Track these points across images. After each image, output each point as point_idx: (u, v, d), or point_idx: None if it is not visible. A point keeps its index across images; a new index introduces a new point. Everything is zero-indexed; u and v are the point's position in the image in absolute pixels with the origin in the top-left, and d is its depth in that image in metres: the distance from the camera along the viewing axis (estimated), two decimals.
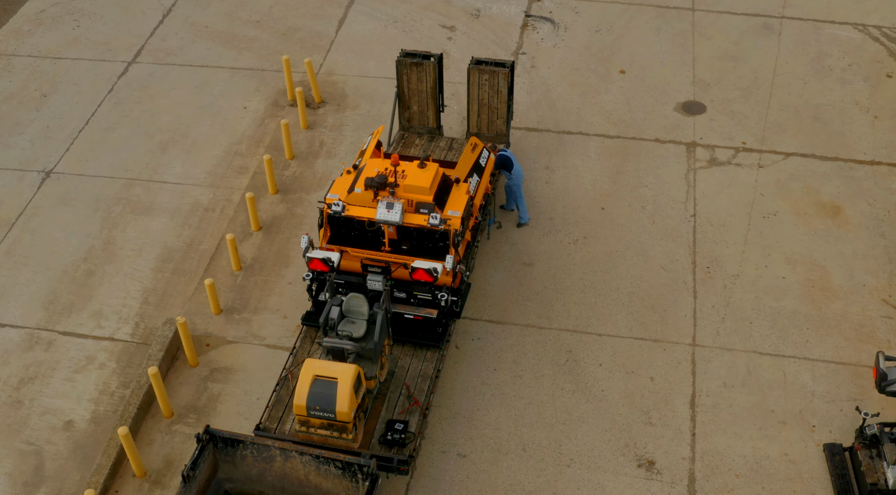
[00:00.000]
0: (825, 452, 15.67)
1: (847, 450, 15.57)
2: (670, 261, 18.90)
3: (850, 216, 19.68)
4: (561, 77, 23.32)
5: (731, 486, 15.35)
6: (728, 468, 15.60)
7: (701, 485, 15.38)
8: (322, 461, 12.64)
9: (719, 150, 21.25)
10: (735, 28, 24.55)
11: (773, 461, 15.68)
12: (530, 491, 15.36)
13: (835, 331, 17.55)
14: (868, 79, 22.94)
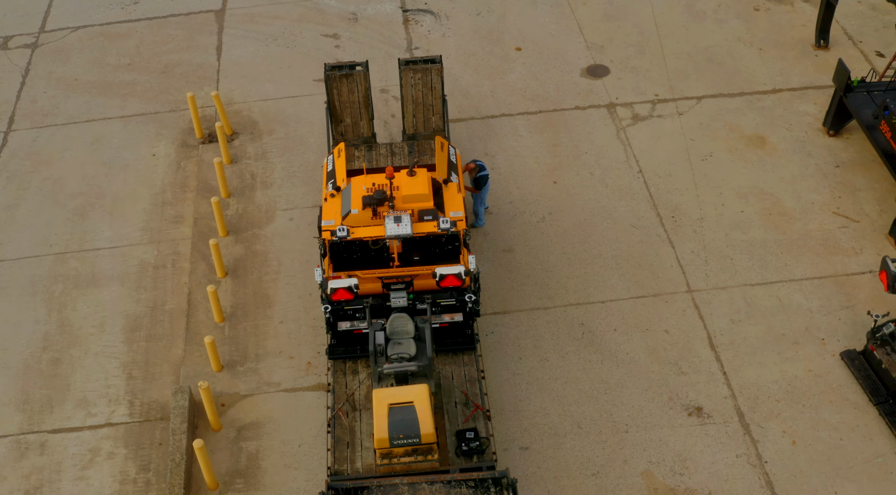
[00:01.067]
0: (843, 360, 16.84)
1: (862, 354, 16.79)
2: (637, 218, 19.58)
3: (776, 143, 21.06)
4: (463, 65, 23.47)
5: (776, 411, 16.22)
6: (767, 396, 16.48)
7: (750, 418, 16.16)
8: (454, 484, 12.35)
9: (637, 106, 22.13)
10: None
11: (801, 379, 16.69)
12: (602, 465, 15.62)
13: (805, 250, 18.80)
14: (739, 15, 24.50)
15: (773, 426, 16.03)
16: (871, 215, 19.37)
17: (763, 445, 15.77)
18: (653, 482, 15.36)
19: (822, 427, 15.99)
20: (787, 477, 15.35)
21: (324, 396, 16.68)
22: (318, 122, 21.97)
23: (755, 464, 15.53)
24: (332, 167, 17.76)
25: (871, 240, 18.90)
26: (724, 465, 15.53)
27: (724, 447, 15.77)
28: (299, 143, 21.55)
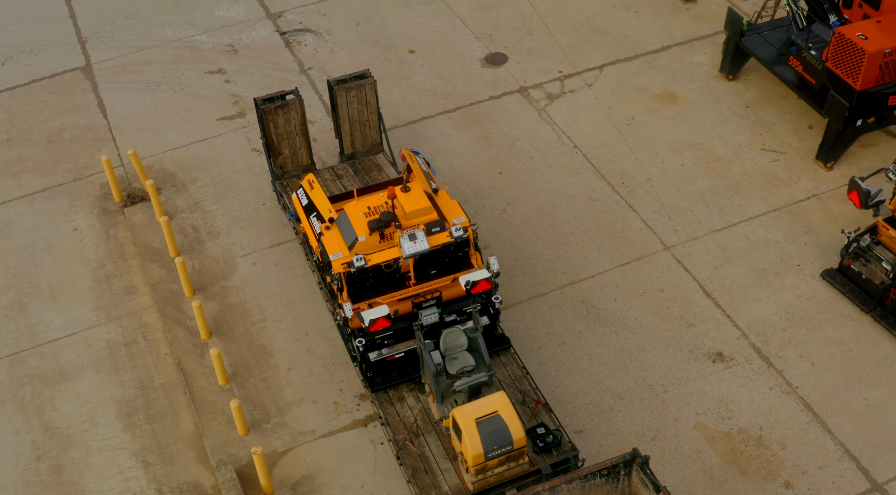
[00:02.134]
0: (825, 279, 18.14)
1: (839, 271, 18.13)
2: (591, 190, 20.16)
3: (685, 96, 22.22)
4: (348, 65, 23.14)
5: (787, 340, 17.27)
6: (773, 328, 17.50)
7: (767, 351, 17.12)
8: (588, 478, 12.40)
9: (547, 85, 22.69)
10: None
11: (796, 306, 17.83)
12: (656, 429, 16.10)
13: (751, 189, 20.02)
14: None
15: (789, 353, 17.05)
16: (793, 145, 20.86)
17: (788, 373, 16.76)
18: (707, 432, 16.01)
19: (831, 344, 17.18)
20: (820, 396, 16.40)
21: (366, 432, 16.22)
22: (241, 161, 21.13)
23: (788, 392, 16.49)
24: (307, 200, 17.18)
25: (802, 167, 20.36)
26: (763, 400, 16.39)
27: (755, 384, 16.63)
28: (229, 186, 20.64)
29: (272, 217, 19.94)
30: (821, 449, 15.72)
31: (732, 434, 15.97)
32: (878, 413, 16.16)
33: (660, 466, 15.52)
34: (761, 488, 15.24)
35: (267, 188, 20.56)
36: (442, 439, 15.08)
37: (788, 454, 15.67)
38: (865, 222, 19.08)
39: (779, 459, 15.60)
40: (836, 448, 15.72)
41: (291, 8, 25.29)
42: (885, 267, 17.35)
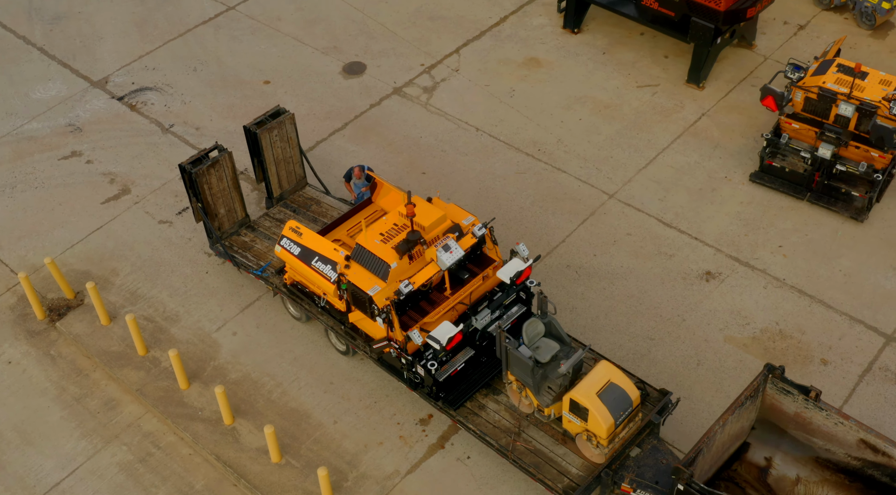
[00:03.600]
0: (755, 181, 19.99)
1: (762, 170, 20.04)
2: (515, 165, 20.75)
3: (546, 58, 23.31)
4: (231, 118, 22.16)
5: (753, 242, 18.92)
6: (736, 236, 19.09)
7: (744, 257, 18.68)
8: (743, 403, 13.12)
9: (417, 80, 22.88)
10: (306, 3, 25.33)
11: (743, 211, 19.50)
12: (696, 354, 17.14)
13: (650, 123, 21.52)
14: None
15: (762, 254, 18.75)
16: (661, 76, 22.62)
17: (770, 270, 18.44)
18: (737, 342, 17.32)
19: (788, 234, 19.08)
20: (806, 281, 18.23)
21: (447, 453, 15.98)
22: (154, 238, 19.60)
23: (780, 286, 18.18)
24: (299, 248, 16.39)
25: (679, 93, 22.16)
26: (764, 299, 17.96)
27: (751, 287, 18.16)
28: (158, 266, 19.12)
29: (224, 282, 18.75)
30: (831, 323, 17.53)
31: (758, 336, 17.38)
32: (856, 278, 18.24)
33: (720, 384, 16.61)
34: (805, 371, 16.78)
35: (199, 256, 19.26)
36: (543, 428, 15.20)
37: (809, 337, 17.33)
38: (757, 125, 21.20)
39: (805, 343, 17.22)
40: (842, 318, 17.60)
41: (114, 71, 23.50)
42: (804, 155, 19.46)
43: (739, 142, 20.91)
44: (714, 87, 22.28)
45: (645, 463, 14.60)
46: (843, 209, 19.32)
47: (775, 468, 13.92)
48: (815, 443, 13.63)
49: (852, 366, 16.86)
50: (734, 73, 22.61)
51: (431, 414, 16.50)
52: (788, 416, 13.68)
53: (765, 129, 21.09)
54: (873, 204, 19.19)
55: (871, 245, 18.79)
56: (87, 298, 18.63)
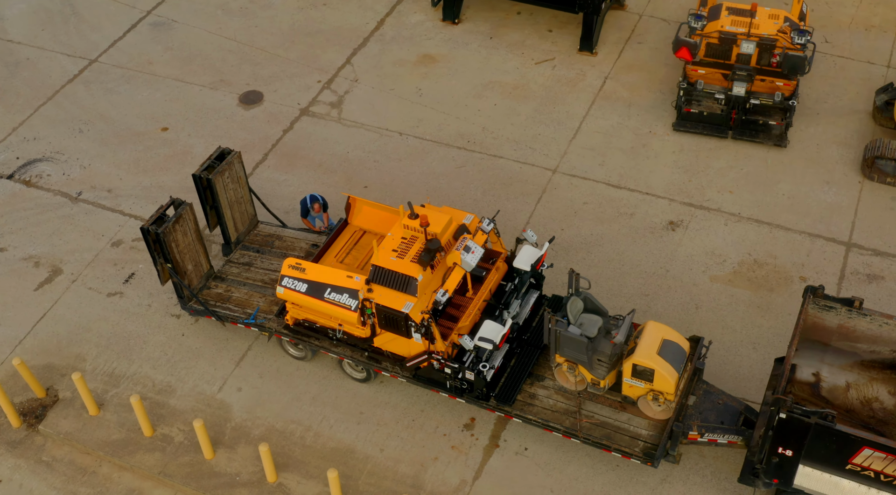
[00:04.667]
0: (678, 130, 21.04)
1: (681, 117, 21.11)
2: (452, 161, 20.79)
3: (439, 51, 23.40)
4: (143, 172, 20.89)
5: (698, 185, 19.92)
6: (681, 183, 20.04)
7: (697, 201, 19.64)
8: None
9: (321, 97, 22.41)
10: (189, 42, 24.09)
11: (678, 159, 20.49)
12: (690, 298, 17.90)
13: (561, 95, 22.11)
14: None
15: (710, 194, 19.82)
16: (554, 49, 23.31)
17: (724, 207, 19.53)
18: (721, 278, 18.26)
19: (726, 171, 20.25)
20: (758, 210, 19.43)
21: (503, 450, 15.98)
22: (110, 313, 18.26)
23: (738, 220, 19.30)
24: (305, 285, 15.78)
25: (576, 62, 22.93)
26: (730, 234, 19.02)
27: (714, 227, 19.17)
28: (127, 339, 17.85)
29: (205, 340, 17.76)
30: (794, 243, 18.83)
31: (737, 270, 18.42)
32: (799, 198, 19.66)
33: (723, 321, 17.48)
34: (790, 291, 17.95)
35: (167, 320, 18.13)
36: (598, 401, 15.49)
37: (781, 260, 18.55)
38: (657, 79, 22.31)
39: (780, 266, 18.43)
40: (802, 236, 18.93)
41: None
42: (718, 97, 20.70)
43: (649, 97, 21.93)
44: (604, 51, 23.21)
45: (704, 408, 15.20)
46: (764, 139, 20.71)
47: (825, 381, 14.88)
48: (859, 349, 14.68)
49: (828, 276, 18.20)
50: (617, 34, 23.63)
51: (473, 417, 16.41)
52: (831, 330, 14.65)
53: (666, 82, 22.24)
54: (789, 129, 20.69)
55: (800, 166, 20.28)
56: (61, 393, 17.14)
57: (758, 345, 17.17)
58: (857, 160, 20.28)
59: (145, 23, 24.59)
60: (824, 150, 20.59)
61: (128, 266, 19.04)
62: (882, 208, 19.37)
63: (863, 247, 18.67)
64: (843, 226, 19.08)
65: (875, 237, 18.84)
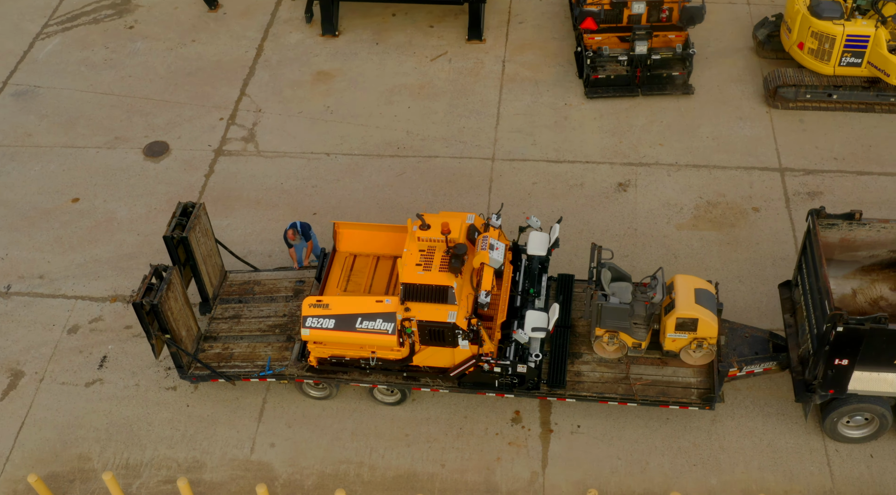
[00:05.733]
0: (591, 97, 21.86)
1: (592, 85, 21.95)
2: (388, 169, 20.59)
3: (333, 67, 23.03)
4: (70, 252, 19.39)
5: (628, 145, 20.78)
6: (610, 145, 20.83)
7: (634, 158, 20.51)
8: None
9: (231, 134, 21.54)
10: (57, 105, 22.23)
11: (601, 124, 21.28)
12: (665, 250, 18.67)
13: (471, 86, 22.35)
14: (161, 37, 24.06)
15: (642, 150, 20.75)
16: (442, 44, 23.53)
17: (660, 159, 20.52)
18: (686, 224, 19.19)
19: (649, 127, 21.24)
20: (693, 155, 20.53)
21: (559, 433, 16.16)
22: (96, 404, 16.88)
23: (678, 168, 20.32)
24: (332, 321, 15.27)
25: (469, 51, 23.28)
26: (676, 183, 19.99)
27: (659, 178, 20.10)
28: (128, 426, 16.56)
29: (213, 405, 16.81)
30: (735, 179, 20.08)
31: (696, 213, 19.44)
32: (722, 137, 20.96)
33: (703, 263, 18.42)
34: (749, 223, 19.16)
35: (165, 396, 17.01)
36: (638, 363, 15.99)
37: (730, 196, 19.74)
38: (550, 53, 23.07)
39: (732, 202, 19.60)
40: (739, 171, 20.21)
41: None
42: (621, 59, 21.67)
43: (550, 73, 22.60)
44: (491, 36, 23.67)
45: (736, 345, 16.04)
46: (672, 90, 21.90)
47: (833, 292, 16.04)
48: (859, 257, 15.95)
49: (775, 202, 19.56)
50: (496, 18, 24.15)
51: (518, 410, 16.49)
52: (834, 245, 15.82)
53: (559, 55, 23.02)
54: (690, 76, 21.97)
55: (711, 108, 21.61)
56: None
57: (742, 278, 18.24)
58: (758, 93, 21.84)
59: (5, 94, 22.68)
60: (726, 90, 22.03)
61: (95, 350, 17.66)
62: (795, 131, 21.00)
63: (794, 169, 20.18)
64: (769, 154, 20.53)
65: (800, 158, 20.40)
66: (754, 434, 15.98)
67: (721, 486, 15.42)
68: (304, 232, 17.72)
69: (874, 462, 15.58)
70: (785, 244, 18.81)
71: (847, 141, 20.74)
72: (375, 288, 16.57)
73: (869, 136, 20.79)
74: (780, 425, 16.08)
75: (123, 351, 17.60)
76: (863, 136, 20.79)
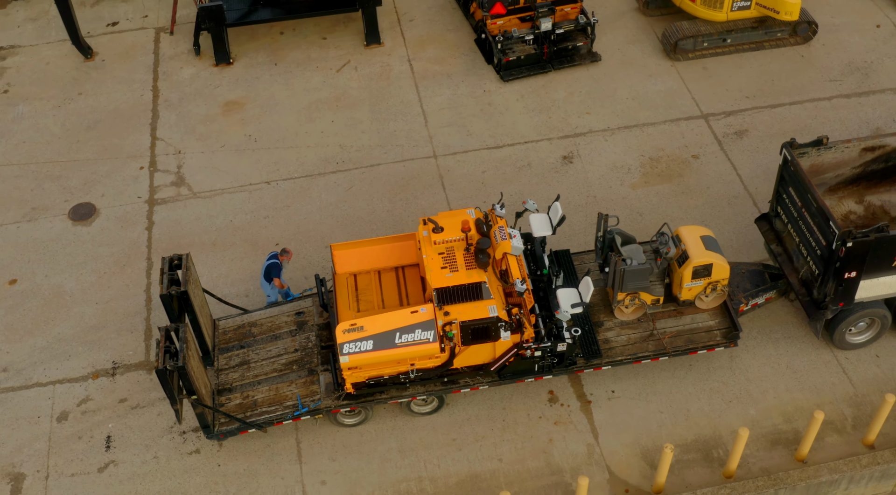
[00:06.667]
0: (507, 80, 22.25)
1: (504, 69, 22.33)
2: (338, 187, 20.18)
3: (240, 95, 22.28)
4: (25, 336, 17.90)
5: (557, 119, 21.36)
6: (542, 121, 21.34)
7: (565, 128, 21.08)
8: None
9: (157, 179, 20.46)
10: None
11: (526, 104, 21.72)
12: (629, 211, 19.31)
13: (386, 89, 22.23)
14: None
15: (572, 121, 21.35)
16: (341, 53, 23.26)
17: (593, 127, 21.18)
18: (637, 183, 19.94)
19: (572, 99, 21.87)
20: (620, 118, 21.33)
21: (598, 404, 16.53)
22: (127, 487, 15.73)
23: (613, 131, 21.07)
24: (370, 342, 14.94)
25: (372, 56, 23.15)
26: (615, 146, 20.72)
27: (600, 145, 20.75)
28: None
29: (247, 457, 16.04)
30: (666, 132, 21.03)
31: (644, 171, 20.25)
32: (640, 96, 21.89)
33: (665, 216, 19.11)
34: (693, 169, 20.16)
35: (189, 461, 16.06)
36: (657, 317, 16.57)
37: (668, 149, 20.67)
38: (451, 45, 23.32)
39: (671, 153, 20.54)
40: (667, 124, 21.19)
41: None
42: (527, 38, 22.21)
43: (458, 64, 22.83)
44: (387, 38, 23.63)
45: (736, 281, 16.93)
46: (580, 60, 22.64)
47: None
48: (826, 179, 17.14)
49: (710, 146, 20.67)
50: (385, 19, 24.19)
51: (551, 390, 16.70)
52: (805, 171, 16.95)
53: (460, 46, 23.31)
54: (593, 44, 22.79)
55: (621, 71, 22.51)
56: None
57: (705, 222, 19.18)
58: (657, 50, 22.95)
59: None
60: (628, 52, 23.00)
61: (96, 432, 16.45)
62: (703, 79, 22.23)
63: (715, 114, 21.38)
64: (687, 104, 21.64)
65: (716, 102, 21.64)
66: (772, 361, 16.92)
67: (760, 414, 16.25)
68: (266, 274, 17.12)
69: (881, 360, 16.88)
70: (732, 184, 19.93)
71: (750, 79, 22.16)
72: (388, 302, 16.32)
73: (767, 72, 22.30)
74: (790, 347, 17.11)
75: (127, 426, 16.48)
76: (762, 73, 22.28)
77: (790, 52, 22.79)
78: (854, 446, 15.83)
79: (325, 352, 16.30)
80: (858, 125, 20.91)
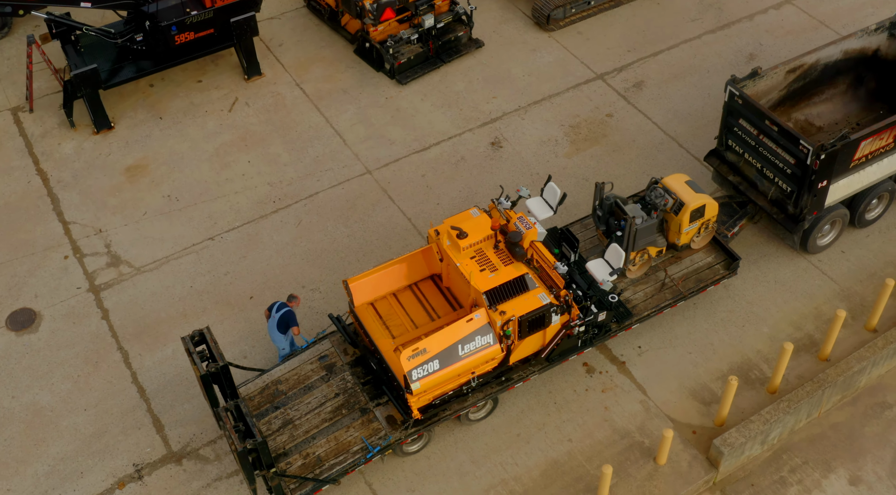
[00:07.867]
0: (407, 82, 22.26)
1: (401, 70, 22.31)
2: (284, 225, 19.48)
3: (139, 157, 20.85)
4: (12, 466, 16.12)
5: (465, 104, 21.70)
6: (455, 114, 21.58)
7: (483, 115, 21.44)
8: None
9: (90, 263, 18.87)
10: None
11: (449, 98, 21.91)
12: (577, 177, 20.07)
13: (285, 114, 21.63)
14: None
15: (486, 108, 21.72)
16: (224, 93, 22.31)
17: (504, 108, 21.64)
18: (571, 149, 20.69)
19: (474, 88, 22.21)
20: (525, 96, 21.93)
21: (632, 363, 17.14)
22: None
23: (527, 107, 21.62)
24: (436, 362, 14.72)
25: (257, 88, 22.35)
26: (538, 121, 21.33)
27: (520, 125, 21.28)
28: None
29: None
30: (575, 98, 21.88)
31: (572, 138, 20.98)
32: (535, 72, 22.59)
33: (609, 176, 20.02)
34: (612, 129, 21.15)
35: None
36: (660, 267, 17.38)
37: (583, 115, 21.50)
38: (337, 60, 22.98)
39: (590, 118, 21.40)
40: (567, 92, 22.03)
41: None
42: (411, 39, 22.32)
43: (347, 77, 22.56)
44: (266, 67, 22.88)
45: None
46: (465, 48, 23.02)
47: None
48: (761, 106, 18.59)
49: (614, 103, 21.72)
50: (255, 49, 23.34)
51: (586, 362, 17.12)
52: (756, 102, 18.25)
53: (343, 59, 23.07)
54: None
55: (506, 51, 23.10)
56: None
57: (647, 171, 20.20)
58: (529, 24, 23.77)
59: None
60: (504, 32, 23.62)
61: None
62: (581, 42, 23.26)
63: (608, 72, 22.48)
64: (580, 69, 22.59)
65: (605, 62, 22.75)
66: (761, 280, 18.21)
67: (772, 330, 17.50)
68: (280, 325, 16.42)
69: (848, 254, 18.62)
70: (652, 132, 21.09)
71: (623, 34, 23.44)
72: (417, 320, 16.11)
73: (635, 24, 23.67)
74: (770, 264, 18.48)
75: None
76: (631, 26, 23.62)
77: (646, 2, 24.27)
78: (861, 334, 17.41)
79: (369, 388, 15.85)
80: (734, 54, 22.69)
